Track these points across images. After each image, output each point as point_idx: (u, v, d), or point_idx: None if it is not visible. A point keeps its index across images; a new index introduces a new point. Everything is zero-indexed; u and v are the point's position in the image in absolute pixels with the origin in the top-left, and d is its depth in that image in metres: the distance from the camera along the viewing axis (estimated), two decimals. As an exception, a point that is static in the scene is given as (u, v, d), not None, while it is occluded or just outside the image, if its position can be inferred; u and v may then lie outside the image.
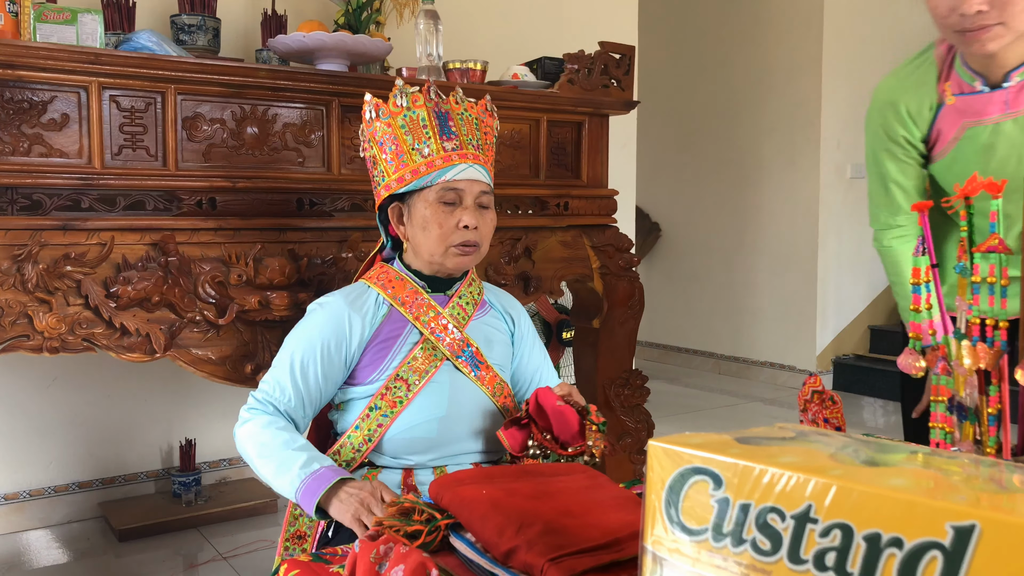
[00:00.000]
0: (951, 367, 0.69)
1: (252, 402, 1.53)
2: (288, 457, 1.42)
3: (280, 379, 1.53)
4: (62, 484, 2.72)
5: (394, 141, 1.56)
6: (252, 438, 1.47)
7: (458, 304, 1.62)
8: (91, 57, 1.76)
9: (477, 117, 1.63)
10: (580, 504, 0.87)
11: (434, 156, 1.55)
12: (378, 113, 1.58)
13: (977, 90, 1.50)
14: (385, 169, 1.58)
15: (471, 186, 1.56)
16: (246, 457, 1.50)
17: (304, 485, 1.37)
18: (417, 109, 1.56)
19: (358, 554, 0.80)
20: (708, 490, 0.52)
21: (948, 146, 1.58)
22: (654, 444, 0.55)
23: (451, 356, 1.57)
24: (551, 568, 0.71)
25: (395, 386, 1.54)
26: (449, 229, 1.54)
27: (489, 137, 1.66)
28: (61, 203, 1.77)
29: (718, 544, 0.51)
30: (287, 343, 1.57)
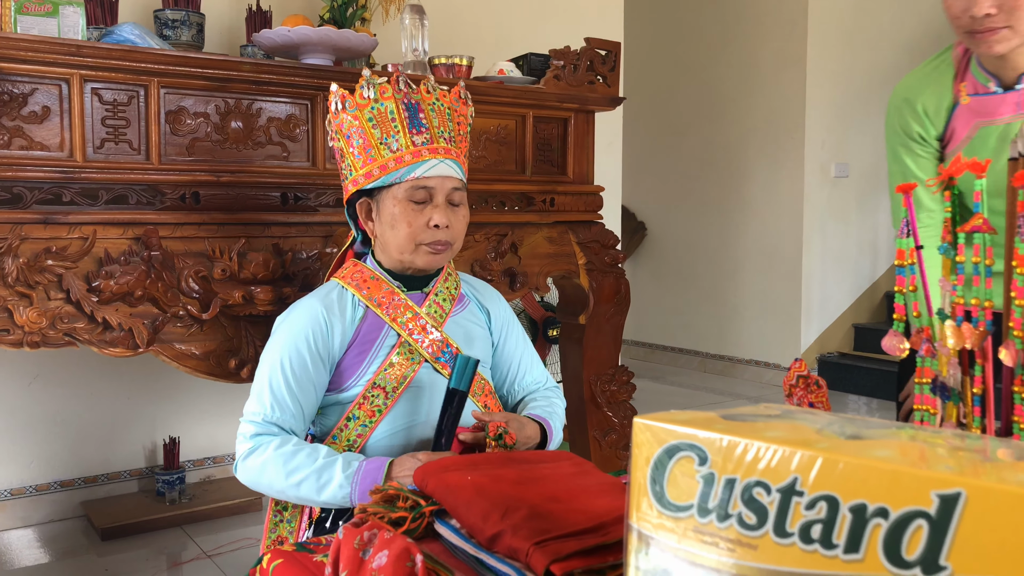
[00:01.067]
0: (935, 348, 0.69)
1: (250, 428, 1.44)
2: (323, 468, 1.35)
3: (276, 395, 1.45)
4: (43, 483, 2.69)
5: (361, 135, 1.50)
6: (272, 464, 1.38)
7: (435, 302, 1.57)
8: (72, 49, 1.75)
9: (449, 106, 1.56)
10: (566, 490, 0.86)
11: (403, 151, 1.48)
12: (344, 105, 1.51)
13: (991, 91, 1.54)
14: (352, 163, 1.52)
15: (442, 183, 1.50)
16: (266, 487, 1.41)
17: (359, 486, 1.32)
18: (385, 101, 1.49)
19: (341, 540, 0.79)
20: (693, 466, 0.52)
21: (961, 145, 1.62)
22: (639, 421, 0.55)
23: (430, 358, 1.52)
24: (536, 552, 0.70)
25: (372, 395, 1.48)
26: (419, 228, 1.49)
27: (463, 127, 1.60)
28: (42, 196, 1.75)
29: (703, 520, 0.51)
30: (269, 356, 1.49)
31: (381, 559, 0.74)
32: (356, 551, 0.77)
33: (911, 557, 0.43)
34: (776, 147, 4.78)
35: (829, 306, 4.82)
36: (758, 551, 0.48)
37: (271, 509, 1.57)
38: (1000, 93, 1.53)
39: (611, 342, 2.61)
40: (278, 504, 1.57)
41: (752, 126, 4.89)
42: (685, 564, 0.51)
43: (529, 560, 0.71)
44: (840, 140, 4.75)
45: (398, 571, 0.72)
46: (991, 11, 1.39)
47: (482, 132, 2.33)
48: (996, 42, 1.42)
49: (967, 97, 1.55)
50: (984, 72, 1.55)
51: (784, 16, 4.68)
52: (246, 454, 1.42)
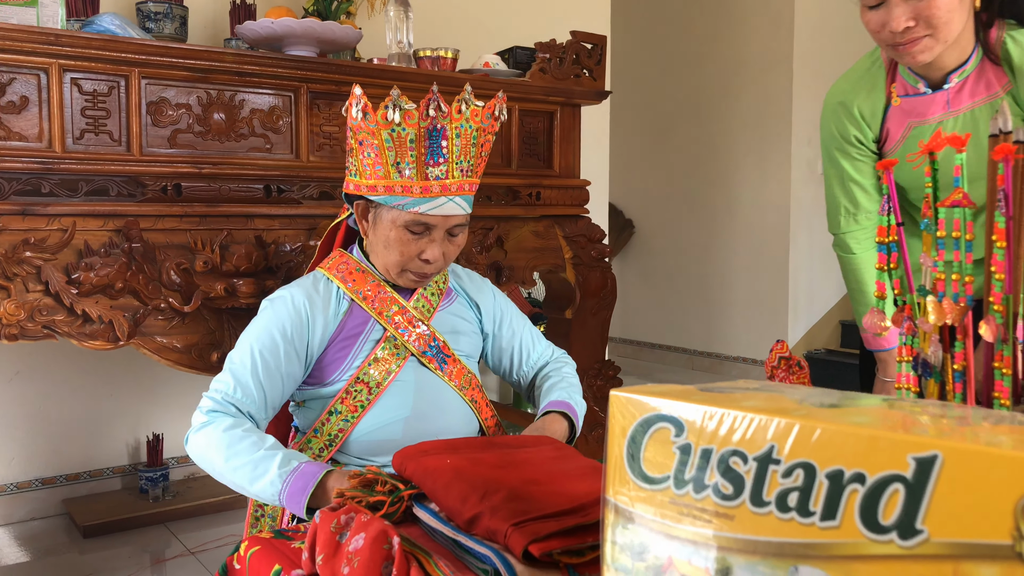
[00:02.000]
0: (916, 326, 0.68)
1: (208, 403, 1.40)
2: (261, 459, 1.29)
3: (239, 376, 1.41)
4: (24, 481, 2.67)
5: (374, 149, 1.42)
6: (215, 443, 1.33)
7: (423, 296, 1.54)
8: (51, 38, 1.73)
9: (478, 127, 1.46)
10: (546, 473, 0.85)
11: (413, 181, 1.42)
12: (365, 115, 1.42)
13: (920, 92, 1.56)
14: (359, 167, 1.46)
15: (445, 220, 1.44)
16: (207, 464, 1.36)
17: (288, 486, 1.24)
18: (409, 127, 1.40)
19: (318, 524, 0.78)
20: (670, 437, 0.51)
21: (896, 145, 1.63)
22: (616, 394, 0.54)
23: (417, 353, 1.49)
24: (515, 532, 0.69)
25: (355, 390, 1.45)
26: (409, 256, 1.45)
27: (486, 148, 1.51)
28: (20, 187, 1.73)
29: (680, 492, 0.50)
30: (245, 339, 1.45)
31: (358, 542, 0.73)
32: (333, 535, 0.76)
33: (888, 522, 0.42)
34: (763, 144, 4.78)
35: (816, 303, 4.83)
36: (735, 521, 0.47)
37: (251, 504, 1.55)
38: (929, 93, 1.54)
39: (597, 337, 2.60)
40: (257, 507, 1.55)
41: (739, 124, 4.89)
42: (662, 537, 0.50)
43: (507, 541, 0.70)
44: (826, 137, 4.75)
45: (375, 553, 0.71)
46: (909, 24, 1.40)
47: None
48: (919, 52, 1.43)
49: (898, 99, 1.57)
50: (912, 74, 1.56)
51: (771, 14, 4.69)
52: (197, 427, 1.38)
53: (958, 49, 1.48)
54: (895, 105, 1.60)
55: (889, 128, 1.63)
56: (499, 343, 1.68)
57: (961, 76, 1.51)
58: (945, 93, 1.53)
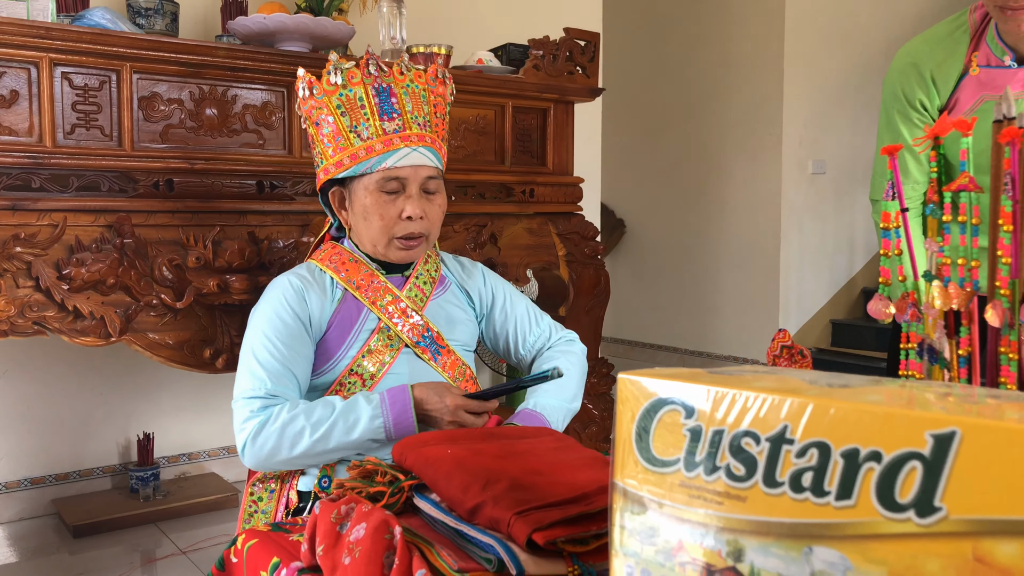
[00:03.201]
0: (921, 313, 0.68)
1: (252, 405, 1.36)
2: (347, 409, 1.32)
3: (268, 368, 1.38)
4: (13, 480, 2.64)
5: (330, 122, 1.44)
6: (290, 428, 1.32)
7: (415, 285, 1.53)
8: (41, 32, 1.71)
9: (425, 87, 1.49)
10: (548, 464, 0.85)
11: (373, 140, 1.42)
12: (312, 91, 1.45)
13: (1005, 65, 1.48)
14: (323, 151, 1.47)
15: (415, 172, 1.44)
16: (286, 454, 1.33)
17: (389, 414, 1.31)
18: (353, 87, 1.43)
19: (318, 515, 0.77)
20: (680, 419, 0.50)
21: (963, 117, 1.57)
22: (624, 377, 0.53)
23: (411, 343, 1.48)
24: (518, 521, 0.69)
25: (349, 381, 1.44)
26: (391, 220, 1.44)
27: (440, 109, 1.52)
28: (10, 182, 1.71)
29: (690, 474, 0.50)
30: (251, 336, 1.43)
31: (359, 532, 0.72)
32: (333, 525, 0.75)
33: (905, 500, 0.41)
34: (754, 144, 4.79)
35: (807, 302, 4.84)
36: (747, 503, 0.47)
37: (245, 499, 1.54)
38: (1014, 68, 1.46)
39: (591, 334, 2.60)
40: (253, 494, 1.53)
41: (730, 123, 4.90)
42: (672, 520, 0.50)
43: (511, 530, 0.69)
44: (817, 137, 4.77)
45: (376, 544, 0.71)
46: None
47: (461, 122, 2.32)
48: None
49: (977, 68, 1.49)
50: (1001, 44, 1.48)
51: (762, 13, 4.70)
52: (255, 431, 1.34)
53: None
54: (972, 74, 1.52)
55: (959, 97, 1.56)
56: (492, 327, 1.64)
57: None
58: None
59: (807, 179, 4.77)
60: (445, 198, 1.52)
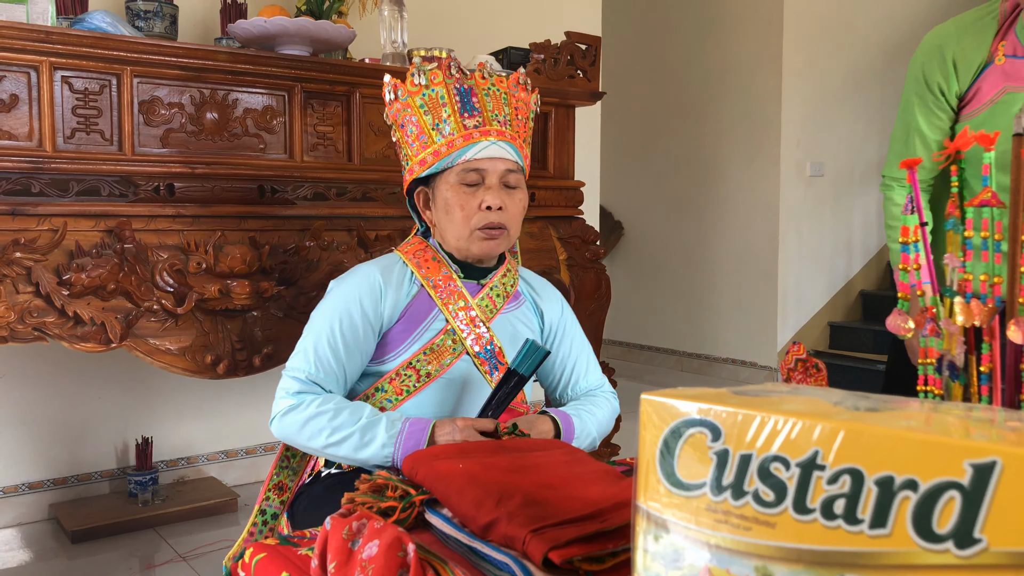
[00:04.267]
0: (940, 328, 0.67)
1: (294, 385, 1.41)
2: (367, 426, 1.34)
3: (321, 355, 1.41)
4: (11, 485, 2.62)
5: (414, 122, 1.47)
6: (314, 422, 1.36)
7: (488, 296, 1.52)
8: (42, 35, 1.70)
9: (506, 92, 1.51)
10: (560, 477, 0.84)
11: (454, 136, 1.45)
12: (397, 94, 1.49)
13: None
14: (408, 153, 1.50)
15: (494, 164, 1.45)
16: (303, 442, 1.38)
17: (400, 447, 1.31)
18: (436, 87, 1.46)
19: (329, 531, 0.76)
20: (706, 442, 0.49)
21: (984, 107, 1.54)
22: (647, 398, 0.52)
23: (472, 353, 1.48)
24: (534, 539, 0.68)
25: (406, 373, 1.45)
26: (471, 211, 1.45)
27: (522, 112, 1.53)
28: (10, 187, 1.70)
29: (717, 498, 0.49)
30: (320, 316, 1.46)
31: (372, 549, 0.71)
32: (345, 542, 0.74)
33: (943, 530, 0.41)
34: (752, 146, 4.79)
35: (805, 305, 4.84)
36: (776, 529, 0.46)
37: (280, 453, 1.56)
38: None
39: (592, 338, 2.58)
40: (288, 450, 1.56)
41: (728, 125, 4.90)
42: (698, 544, 0.49)
43: (526, 548, 0.68)
44: (815, 139, 4.77)
45: (389, 561, 0.70)
46: None
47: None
48: None
49: (1003, 57, 1.46)
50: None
51: (760, 16, 4.69)
52: (286, 410, 1.39)
53: None
54: (997, 64, 1.49)
55: (981, 87, 1.53)
56: (553, 356, 1.62)
57: None
58: None
59: (805, 181, 4.77)
60: (526, 196, 1.53)
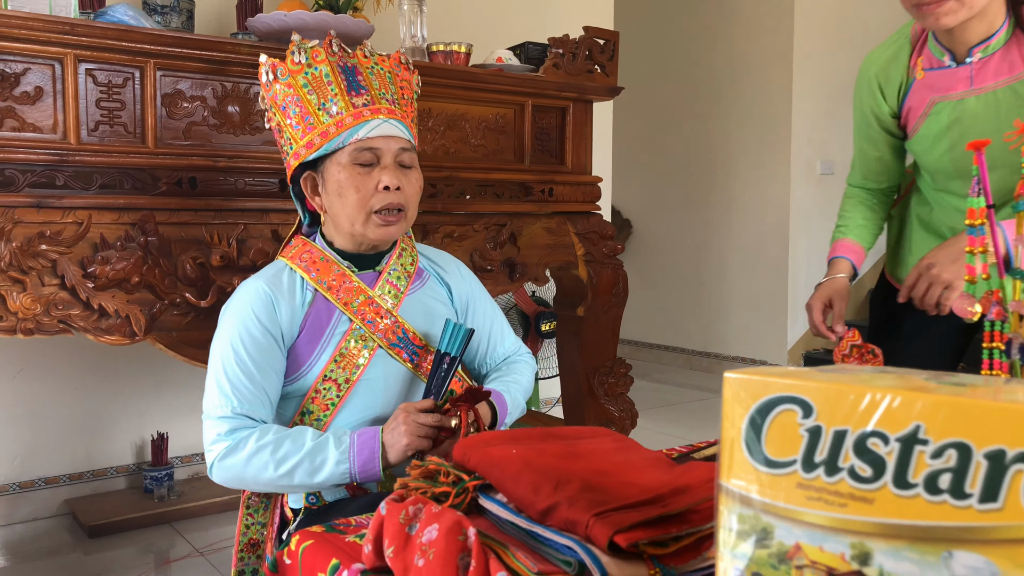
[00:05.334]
0: (1006, 311, 0.67)
1: (221, 425, 1.32)
2: (315, 450, 1.28)
3: (236, 386, 1.34)
4: (27, 480, 2.62)
5: (298, 103, 1.40)
6: (257, 459, 1.28)
7: (388, 282, 1.47)
8: (67, 28, 1.69)
9: (390, 71, 1.48)
10: (613, 464, 0.83)
11: (343, 114, 1.39)
12: (276, 74, 1.42)
13: (945, 65, 1.53)
14: (292, 136, 1.43)
15: (388, 143, 1.40)
16: (252, 481, 1.31)
17: (356, 460, 1.28)
18: (318, 64, 1.41)
19: (385, 516, 0.76)
20: (796, 419, 0.49)
21: (919, 122, 1.62)
22: (732, 376, 0.52)
23: (385, 345, 1.42)
24: (597, 523, 0.67)
25: (324, 388, 1.40)
26: (368, 192, 1.39)
27: (407, 92, 1.50)
28: (35, 180, 1.70)
29: (809, 475, 0.48)
30: (219, 347, 1.38)
31: (431, 533, 0.71)
32: (402, 526, 0.74)
33: (1059, 502, 0.40)
34: (762, 144, 4.79)
35: (814, 303, 4.83)
36: (875, 505, 0.45)
37: (242, 511, 1.49)
38: (954, 67, 1.52)
39: (609, 334, 2.59)
40: (249, 508, 1.49)
41: (738, 123, 4.89)
42: (787, 522, 0.49)
43: (590, 531, 0.68)
44: (826, 137, 4.77)
45: (450, 545, 0.69)
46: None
47: (481, 120, 2.30)
48: (944, 14, 1.39)
49: (922, 72, 1.55)
50: (939, 46, 1.53)
51: (770, 14, 4.69)
52: (223, 454, 1.31)
53: (986, 21, 1.44)
54: (919, 79, 1.59)
55: (911, 105, 1.62)
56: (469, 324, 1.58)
57: (985, 51, 1.47)
58: (968, 68, 1.50)
59: (815, 179, 4.77)
60: (421, 175, 1.49)
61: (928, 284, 1.38)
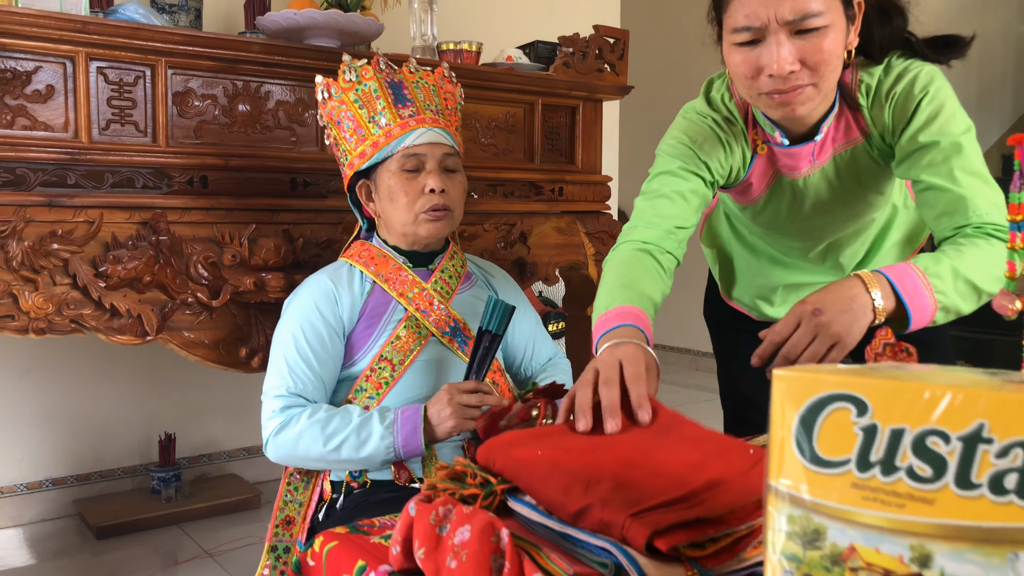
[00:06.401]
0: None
1: (277, 403, 1.44)
2: (361, 425, 1.38)
3: (295, 369, 1.46)
4: (35, 481, 2.61)
5: (350, 117, 1.55)
6: (308, 435, 1.39)
7: (441, 278, 1.60)
8: (79, 25, 1.69)
9: (434, 84, 1.61)
10: (642, 452, 0.82)
11: (391, 125, 1.53)
12: (330, 92, 1.57)
13: (779, 142, 1.34)
14: (346, 148, 1.57)
15: (432, 150, 1.54)
16: (303, 457, 1.42)
17: (399, 434, 1.37)
18: (367, 81, 1.55)
19: (415, 517, 0.74)
20: (850, 417, 0.48)
21: (761, 194, 1.44)
22: (781, 374, 0.51)
23: (437, 332, 1.54)
24: (634, 524, 0.66)
25: (379, 367, 1.50)
26: (415, 196, 1.52)
27: (451, 103, 1.63)
28: (46, 178, 1.69)
29: (864, 475, 0.47)
30: (282, 334, 1.51)
31: (463, 534, 0.70)
32: (432, 527, 0.72)
33: None
34: (768, 144, 4.77)
35: (821, 303, 4.82)
36: (935, 506, 0.44)
37: (282, 488, 1.54)
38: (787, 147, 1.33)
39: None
40: (290, 483, 1.54)
41: (744, 123, 4.88)
42: (841, 523, 0.48)
43: (626, 533, 0.67)
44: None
45: (483, 546, 0.68)
46: (795, 67, 1.15)
47: (491, 119, 2.29)
48: (800, 104, 1.19)
49: (764, 146, 1.36)
50: (770, 123, 1.34)
51: (776, 13, 4.67)
52: (277, 429, 1.43)
53: (829, 100, 1.27)
54: (761, 154, 1.39)
55: (752, 180, 1.42)
56: (512, 335, 1.70)
57: (827, 124, 1.30)
58: (812, 145, 1.32)
59: (822, 179, 4.75)
60: (465, 178, 1.61)
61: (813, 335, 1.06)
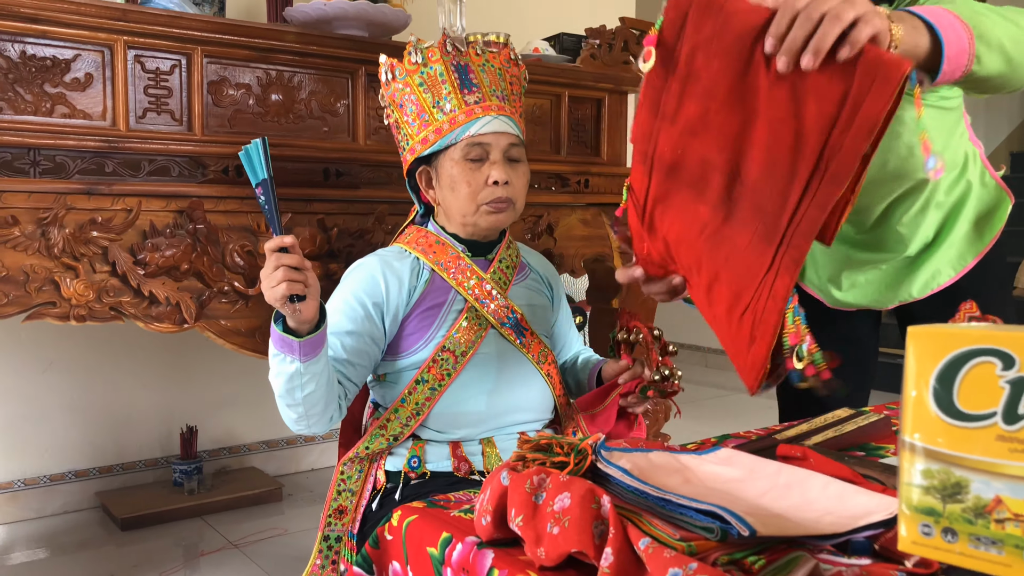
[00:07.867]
0: None
1: None
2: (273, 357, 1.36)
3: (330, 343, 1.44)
4: (58, 473, 2.61)
5: (413, 101, 1.50)
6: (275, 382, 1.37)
7: (499, 269, 1.56)
8: (118, 13, 1.68)
9: (500, 67, 1.55)
10: None
11: (456, 112, 1.47)
12: (395, 74, 1.52)
13: None
14: (408, 132, 1.52)
15: (498, 139, 1.48)
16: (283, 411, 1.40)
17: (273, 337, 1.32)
18: (433, 64, 1.49)
19: (509, 486, 0.75)
20: (995, 371, 0.48)
21: None
22: (918, 329, 0.51)
23: (496, 324, 1.51)
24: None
25: (442, 358, 1.47)
26: (478, 187, 1.47)
27: (516, 87, 1.58)
28: (85, 166, 1.69)
29: (1012, 427, 0.48)
30: (334, 305, 1.49)
31: (563, 501, 0.70)
32: (528, 495, 0.73)
33: None
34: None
35: (830, 299, 4.84)
36: (1089, 454, 0.45)
37: (335, 478, 1.52)
38: None
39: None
40: (343, 473, 1.53)
41: (754, 120, 4.89)
42: (986, 475, 0.48)
43: None
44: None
45: (585, 512, 0.69)
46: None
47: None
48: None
49: None
50: None
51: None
52: None
53: None
54: None
55: None
56: (558, 326, 1.71)
57: None
58: None
59: (832, 176, 4.77)
60: (528, 168, 1.57)
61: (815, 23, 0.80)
